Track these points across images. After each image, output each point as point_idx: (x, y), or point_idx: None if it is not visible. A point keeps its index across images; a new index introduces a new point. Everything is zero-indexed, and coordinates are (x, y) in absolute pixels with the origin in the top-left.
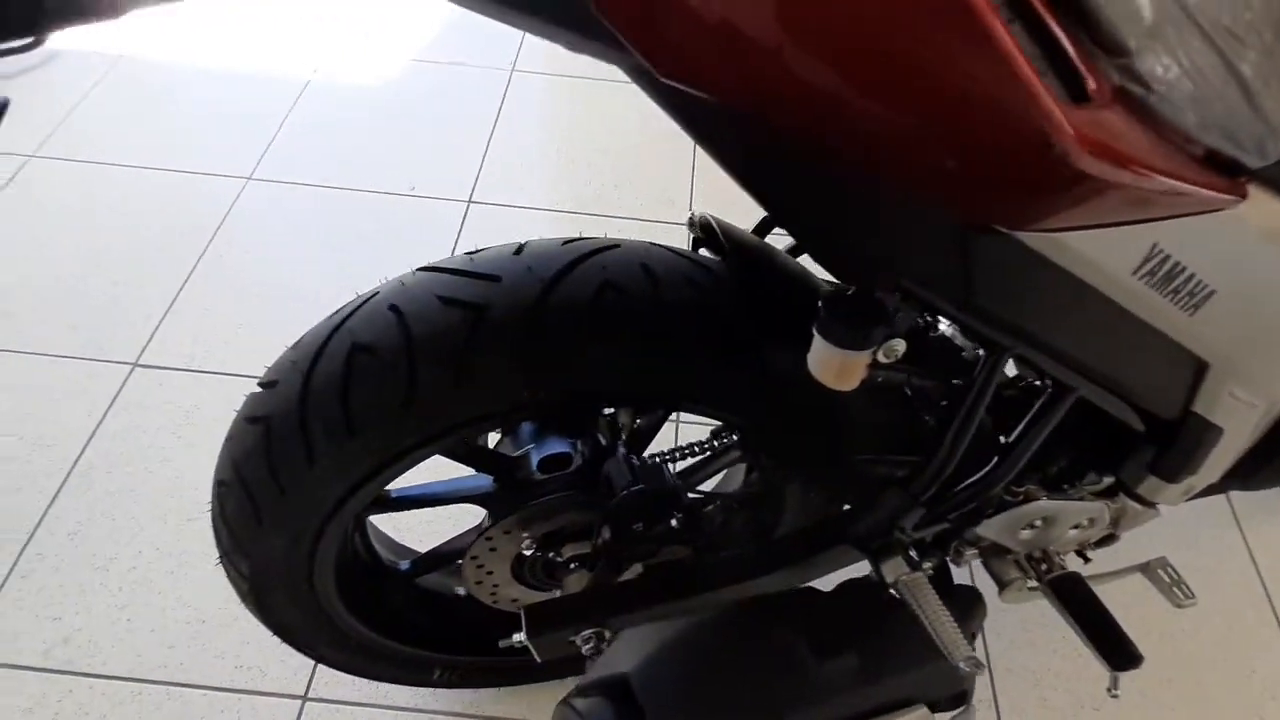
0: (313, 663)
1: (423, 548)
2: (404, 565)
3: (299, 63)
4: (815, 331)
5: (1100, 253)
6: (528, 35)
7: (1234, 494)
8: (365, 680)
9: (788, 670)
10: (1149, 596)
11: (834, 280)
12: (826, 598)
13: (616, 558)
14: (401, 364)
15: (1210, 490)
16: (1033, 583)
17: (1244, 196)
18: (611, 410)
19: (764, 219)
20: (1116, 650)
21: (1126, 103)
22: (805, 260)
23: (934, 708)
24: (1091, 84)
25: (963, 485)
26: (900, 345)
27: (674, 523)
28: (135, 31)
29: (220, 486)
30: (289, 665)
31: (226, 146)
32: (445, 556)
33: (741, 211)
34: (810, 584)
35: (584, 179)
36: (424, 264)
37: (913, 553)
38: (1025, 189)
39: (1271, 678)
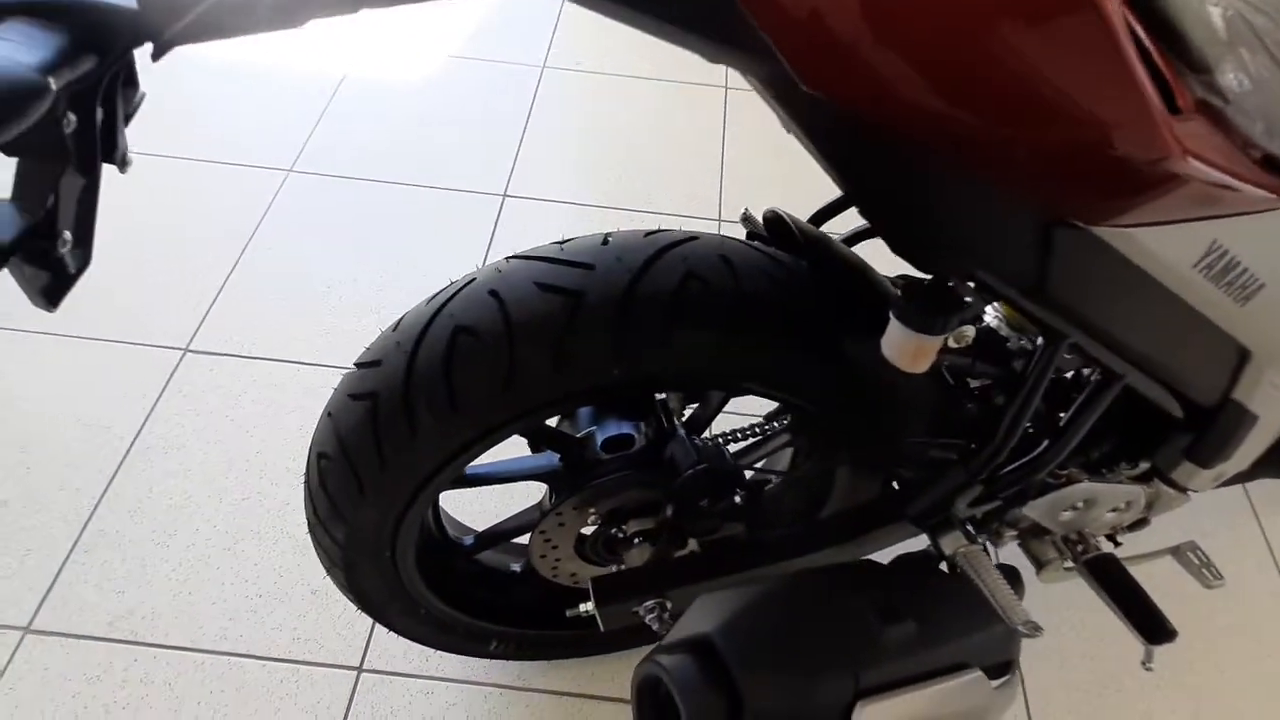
0: (367, 635)
1: (472, 526)
2: (467, 541)
3: (335, 59)
4: (892, 317)
5: (1165, 247)
6: (559, 32)
7: (1251, 487)
8: (417, 653)
9: (858, 632)
10: (1166, 584)
11: (890, 273)
12: (885, 569)
13: (680, 533)
14: (503, 345)
15: (1239, 478)
16: (1069, 563)
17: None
18: (663, 395)
19: (818, 212)
20: (1152, 625)
21: (1205, 113)
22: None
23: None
24: (1181, 98)
25: (1016, 465)
26: (970, 331)
27: (737, 500)
28: None
29: (322, 459)
30: (344, 637)
31: (267, 140)
32: (504, 534)
33: (765, 205)
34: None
35: (616, 175)
36: (515, 253)
37: (969, 528)
38: (1120, 188)
39: (1270, 674)
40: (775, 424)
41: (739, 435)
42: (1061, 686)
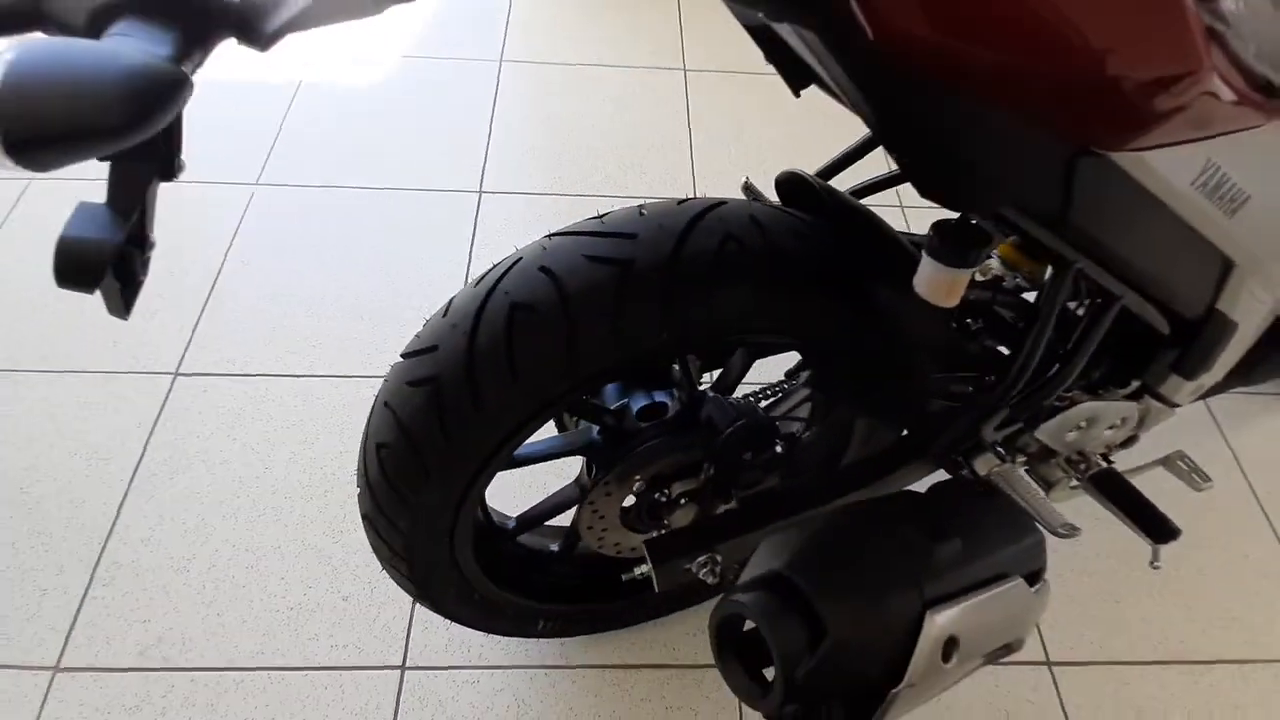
0: (405, 634)
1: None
2: (509, 524)
3: (287, 67)
4: (926, 255)
5: (1169, 168)
6: (512, 25)
7: (1215, 406)
8: (458, 645)
9: (914, 553)
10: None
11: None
12: (925, 497)
13: (723, 489)
14: (561, 318)
15: (1214, 390)
16: (1074, 482)
17: (1265, 108)
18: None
19: (819, 171)
20: (1157, 526)
21: (1211, 37)
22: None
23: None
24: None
25: (1035, 388)
26: (995, 263)
27: (778, 449)
28: None
29: (382, 449)
30: (383, 639)
31: (230, 155)
32: (544, 514)
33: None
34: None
35: (589, 163)
36: (555, 230)
37: (1000, 449)
38: (1148, 110)
39: (1262, 560)
40: (797, 379)
41: (764, 394)
42: (1064, 600)
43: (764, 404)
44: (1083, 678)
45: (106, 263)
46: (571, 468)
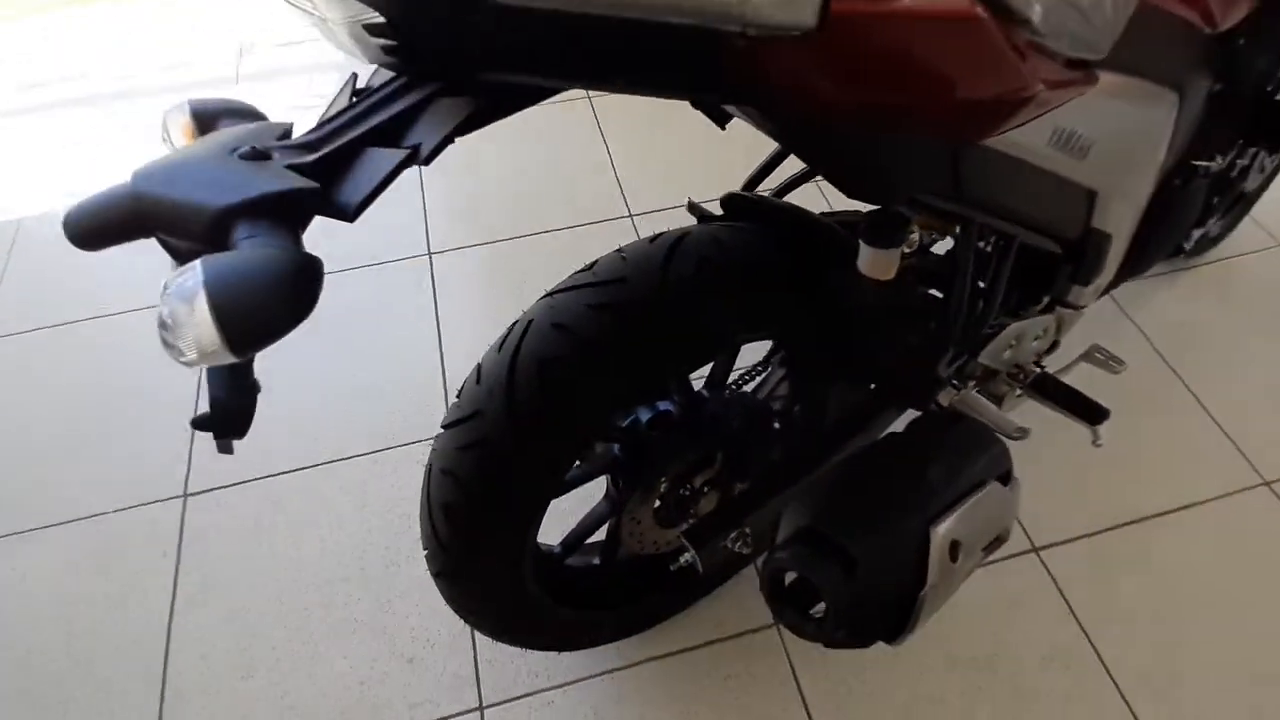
0: (474, 677)
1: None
2: (556, 549)
3: None
4: (863, 243)
5: (1027, 137)
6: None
7: (1117, 295)
8: (525, 674)
9: (909, 482)
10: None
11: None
12: (906, 435)
13: (739, 470)
14: (587, 364)
15: (1111, 286)
16: (1018, 391)
17: (1096, 80)
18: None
19: (746, 182)
20: (1091, 411)
21: (1032, 48)
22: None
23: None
24: (1020, 46)
25: (970, 323)
26: (915, 235)
27: (777, 426)
28: (23, 195)
29: (449, 510)
30: (454, 688)
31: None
32: (584, 533)
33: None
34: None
35: (524, 204)
36: (553, 289)
37: (954, 382)
38: (1001, 116)
39: (1180, 410)
40: (773, 360)
41: (747, 378)
42: (1035, 493)
43: (748, 388)
44: (1066, 555)
45: (253, 411)
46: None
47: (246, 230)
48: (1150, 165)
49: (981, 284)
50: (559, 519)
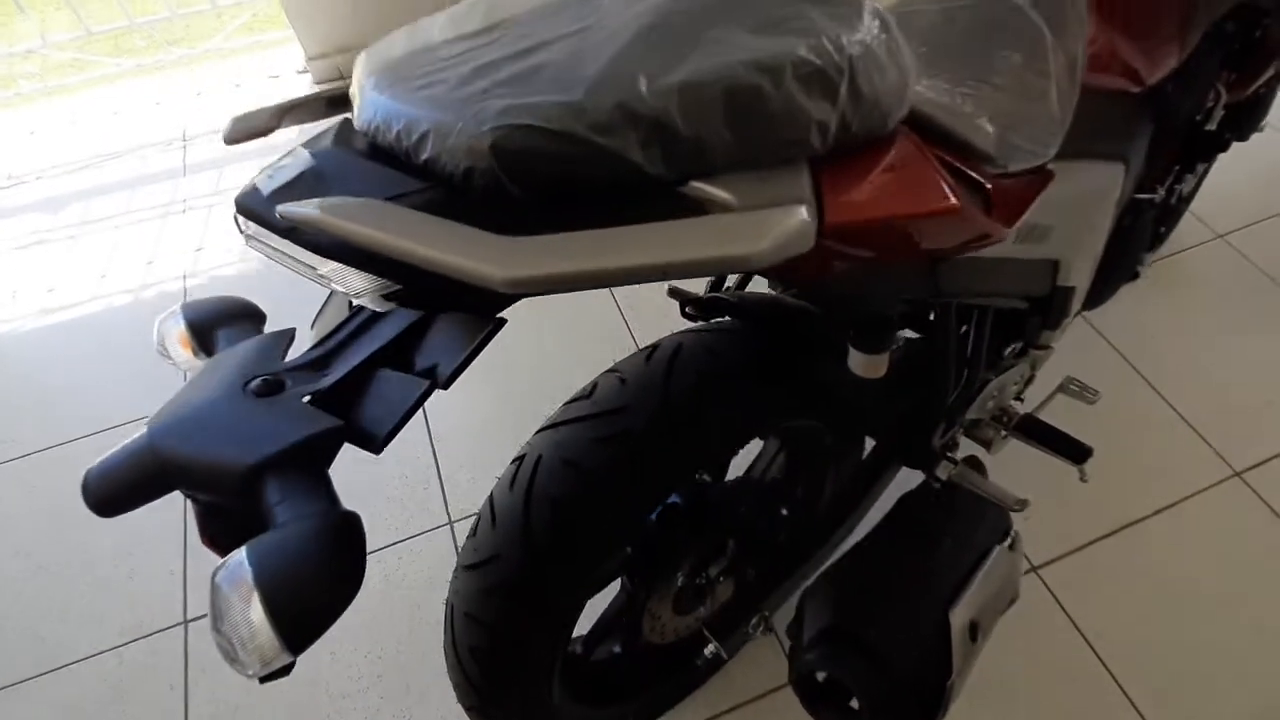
0: None
1: None
2: (578, 648)
3: (170, 270)
4: (853, 348)
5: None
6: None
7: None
8: None
9: (919, 565)
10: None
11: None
12: (906, 515)
13: (750, 554)
14: (599, 499)
15: (1073, 317)
16: (1004, 433)
17: (1051, 176)
18: None
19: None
20: (1075, 450)
21: (998, 179)
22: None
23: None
24: (990, 184)
25: (957, 395)
26: (901, 336)
27: (784, 511)
28: None
29: (475, 652)
30: None
31: (131, 390)
32: (602, 630)
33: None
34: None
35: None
36: (553, 421)
37: (950, 454)
38: (976, 248)
39: (1146, 410)
40: (768, 443)
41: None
42: (1030, 516)
43: (751, 472)
44: (1063, 570)
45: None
46: None
47: (278, 489)
48: (1105, 223)
49: (963, 353)
50: None
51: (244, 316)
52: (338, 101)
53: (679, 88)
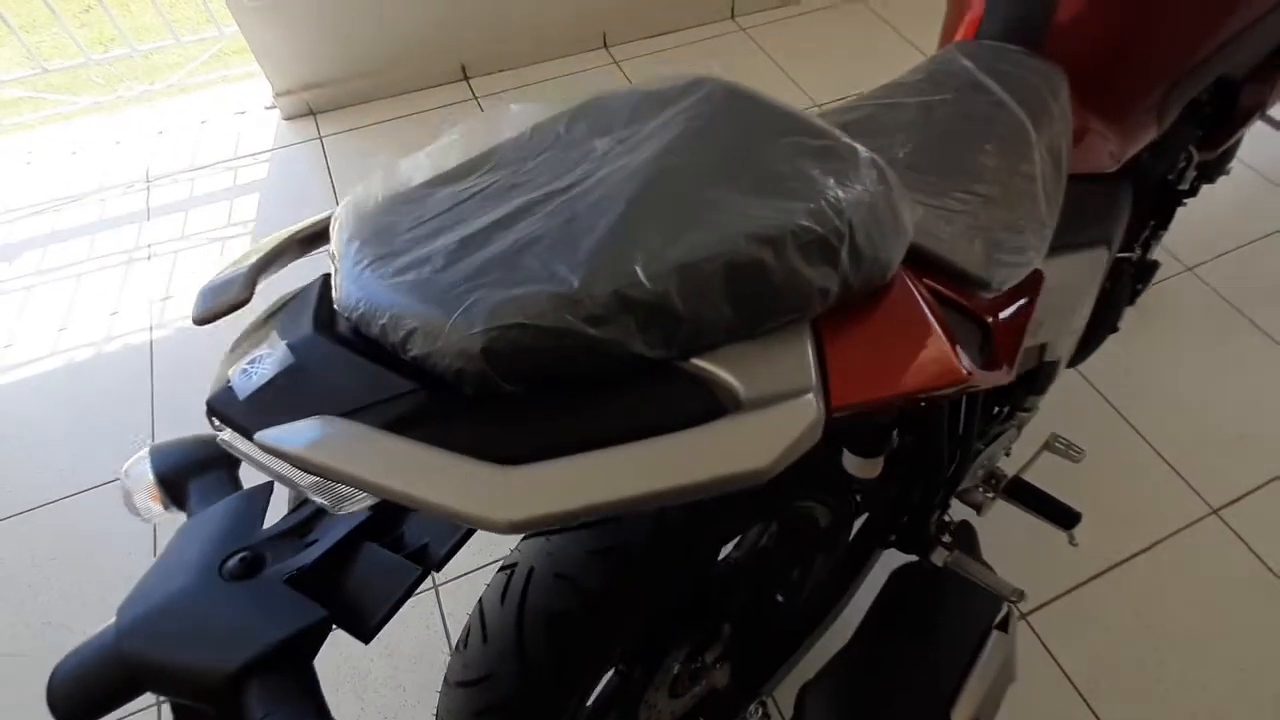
0: None
1: None
2: None
3: (134, 322)
4: (848, 451)
5: None
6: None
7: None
8: None
9: (918, 663)
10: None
11: None
12: (897, 601)
13: (747, 639)
14: (596, 612)
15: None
16: (990, 494)
17: (1043, 278)
18: None
19: None
20: (1063, 515)
21: (995, 302)
22: None
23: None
24: (988, 314)
25: (951, 479)
26: (894, 438)
27: (779, 597)
28: None
29: None
30: None
31: (106, 449)
32: (600, 714)
33: None
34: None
35: None
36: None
37: (945, 538)
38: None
39: (1128, 454)
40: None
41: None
42: (1017, 566)
43: (737, 554)
44: (1049, 616)
45: None
46: None
47: (261, 698)
48: (1090, 302)
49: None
50: None
51: (218, 463)
52: (313, 239)
53: (678, 268)
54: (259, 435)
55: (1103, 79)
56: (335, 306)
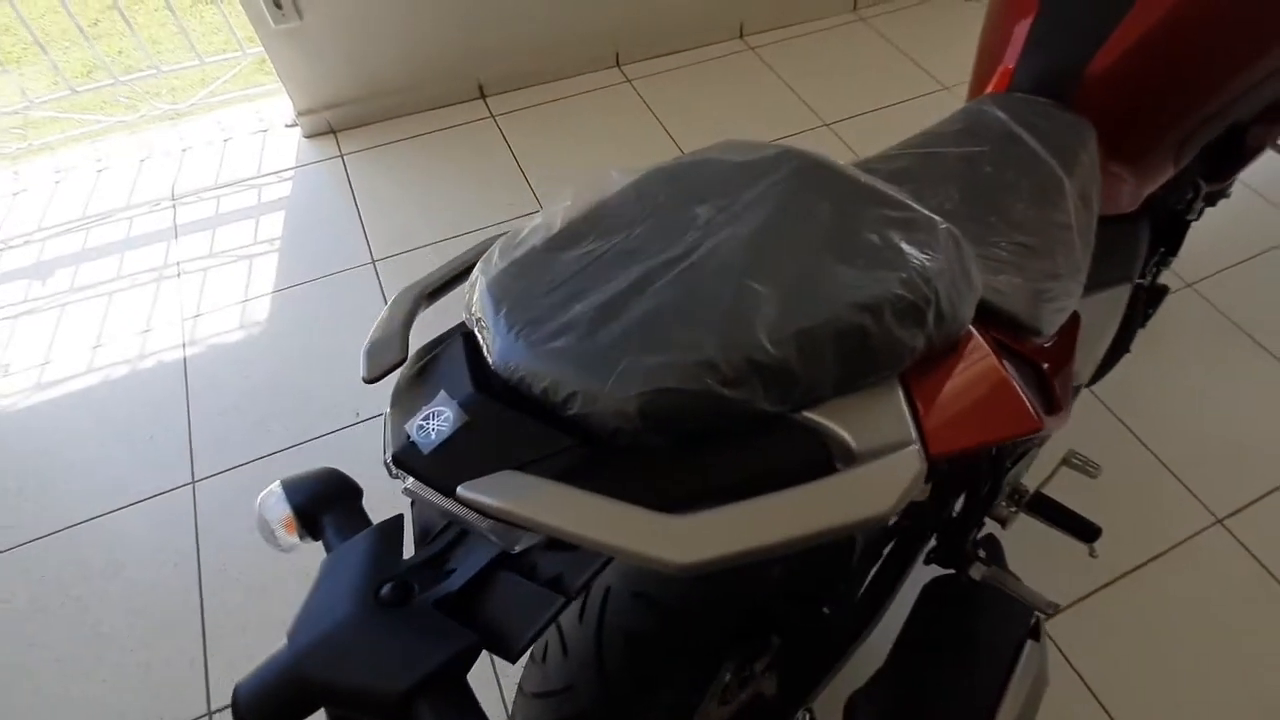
0: None
1: None
2: None
3: (167, 339)
4: None
5: None
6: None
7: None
8: None
9: (964, 668)
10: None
11: None
12: (932, 611)
13: (794, 649)
14: (670, 630)
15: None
16: (1014, 509)
17: (1079, 320)
18: None
19: None
20: (1085, 529)
21: (1047, 347)
22: None
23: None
24: (1038, 356)
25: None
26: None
27: (825, 610)
28: None
29: None
30: None
31: (145, 464)
32: None
33: None
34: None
35: (300, 401)
36: None
37: (980, 553)
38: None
39: (1137, 468)
40: None
41: None
42: (1035, 573)
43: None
44: (1065, 622)
45: None
46: None
47: (430, 711)
48: (1114, 330)
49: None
50: None
51: (346, 495)
52: (436, 293)
53: (795, 335)
54: (461, 491)
55: (1128, 129)
56: (492, 367)
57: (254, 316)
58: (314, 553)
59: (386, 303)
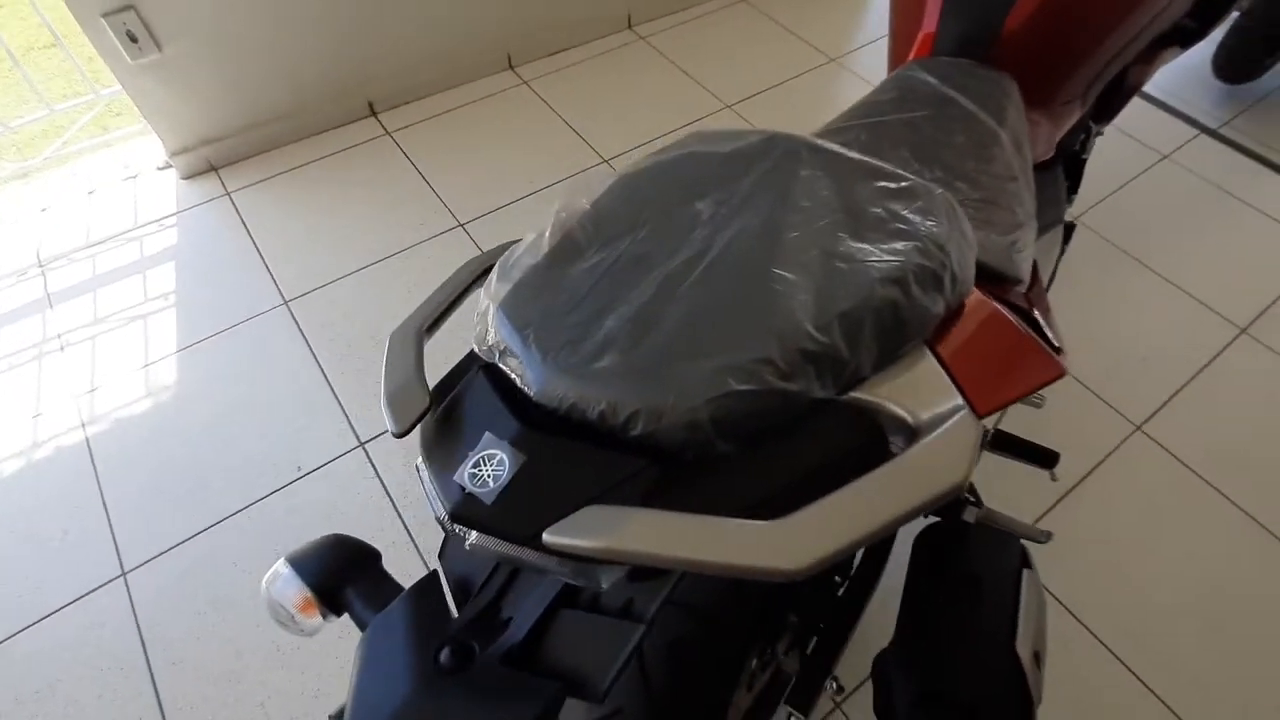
0: None
1: None
2: None
3: (61, 422)
4: None
5: None
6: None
7: None
8: None
9: (980, 613)
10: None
11: None
12: (930, 558)
13: (811, 624)
14: (711, 634)
15: None
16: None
17: (1036, 266)
18: None
19: None
20: (1046, 457)
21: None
22: None
23: None
24: (1038, 319)
25: None
26: None
27: (836, 578)
28: None
29: None
30: None
31: (62, 564)
32: None
33: None
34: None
35: (227, 474)
36: None
37: (969, 496)
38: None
39: (1053, 394)
40: None
41: None
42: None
43: None
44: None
45: None
46: None
47: None
48: (1053, 269)
49: None
50: None
51: (363, 561)
52: (435, 324)
53: (839, 319)
54: (548, 537)
55: (1044, 79)
56: (534, 398)
57: (160, 381)
58: (272, 621)
59: (310, 346)
